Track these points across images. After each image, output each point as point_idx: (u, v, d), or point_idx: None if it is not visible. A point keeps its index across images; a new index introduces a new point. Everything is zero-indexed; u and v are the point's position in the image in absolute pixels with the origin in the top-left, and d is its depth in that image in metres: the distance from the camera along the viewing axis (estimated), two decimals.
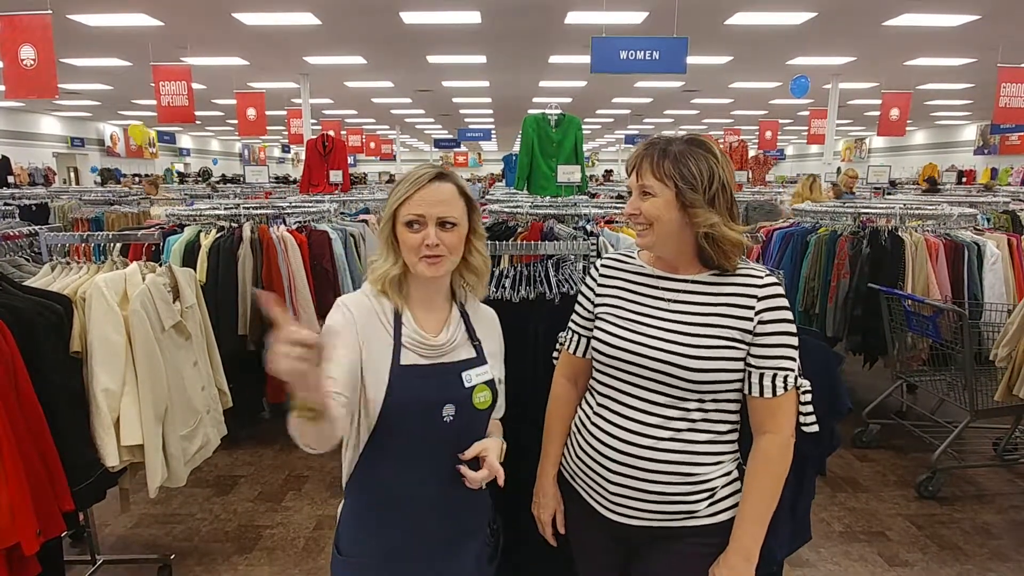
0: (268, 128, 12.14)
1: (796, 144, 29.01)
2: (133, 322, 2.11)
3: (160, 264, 2.47)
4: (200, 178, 18.35)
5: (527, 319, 1.82)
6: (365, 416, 1.26)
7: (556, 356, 1.56)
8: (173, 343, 2.29)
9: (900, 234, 3.84)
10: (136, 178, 15.23)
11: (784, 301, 1.29)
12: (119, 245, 2.90)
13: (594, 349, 1.40)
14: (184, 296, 2.40)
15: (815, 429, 1.34)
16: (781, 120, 18.07)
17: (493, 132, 23.38)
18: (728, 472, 1.33)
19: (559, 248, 2.19)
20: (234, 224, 3.59)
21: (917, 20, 7.92)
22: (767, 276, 1.30)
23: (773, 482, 1.29)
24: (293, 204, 4.63)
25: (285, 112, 14.64)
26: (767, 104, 16.08)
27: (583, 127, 5.44)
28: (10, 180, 14.03)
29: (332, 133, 8.45)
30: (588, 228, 3.31)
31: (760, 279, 1.29)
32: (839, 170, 11.05)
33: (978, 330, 3.52)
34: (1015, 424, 3.47)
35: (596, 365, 1.41)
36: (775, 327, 1.27)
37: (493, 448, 1.30)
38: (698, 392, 1.28)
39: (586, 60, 7.19)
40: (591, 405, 1.42)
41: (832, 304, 3.90)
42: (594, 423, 1.38)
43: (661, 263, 1.37)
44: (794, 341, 1.29)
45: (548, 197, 4.94)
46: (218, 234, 3.49)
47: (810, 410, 1.34)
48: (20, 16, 6.08)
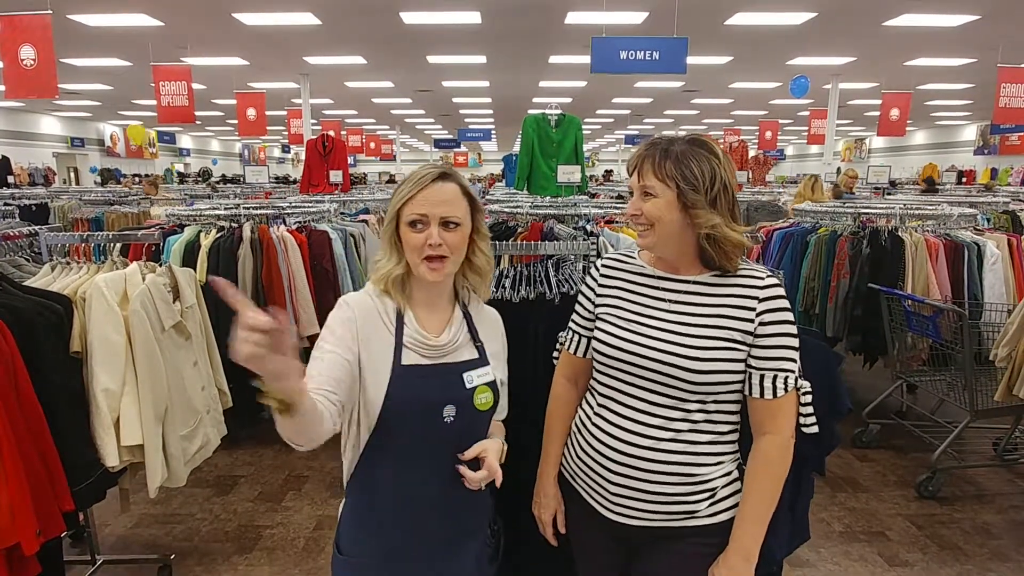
0: (268, 128, 12.14)
1: (796, 144, 29.02)
2: (133, 322, 2.11)
3: (160, 264, 2.47)
4: (200, 178, 18.35)
5: (527, 319, 1.82)
6: (365, 416, 1.26)
7: (556, 356, 1.56)
8: (173, 343, 2.29)
9: (900, 234, 3.84)
10: (136, 178, 15.23)
11: (785, 302, 1.29)
12: (119, 245, 2.90)
13: (595, 350, 1.40)
14: (184, 296, 2.40)
15: (815, 430, 1.34)
16: (781, 120, 18.08)
17: (493, 132, 23.38)
18: (728, 472, 1.33)
19: (559, 248, 2.19)
20: (234, 224, 3.59)
21: (917, 20, 7.93)
22: (768, 277, 1.30)
23: (773, 483, 1.30)
24: (293, 204, 4.62)
25: (285, 112, 14.64)
26: (767, 104, 16.09)
27: (583, 127, 5.44)
28: (10, 180, 14.03)
29: (332, 133, 8.45)
30: (588, 228, 3.31)
31: (761, 280, 1.29)
32: (839, 170, 11.05)
33: (978, 330, 3.52)
34: (1015, 424, 3.47)
35: (597, 366, 1.41)
36: (776, 328, 1.27)
37: (493, 449, 1.30)
38: (699, 393, 1.28)
39: (586, 60, 7.19)
40: (592, 405, 1.42)
41: (832, 304, 3.90)
42: (595, 423, 1.38)
43: (662, 263, 1.37)
44: (795, 342, 1.29)
45: (548, 197, 4.93)
46: (218, 234, 3.49)
47: (810, 411, 1.34)
48: (20, 16, 6.09)
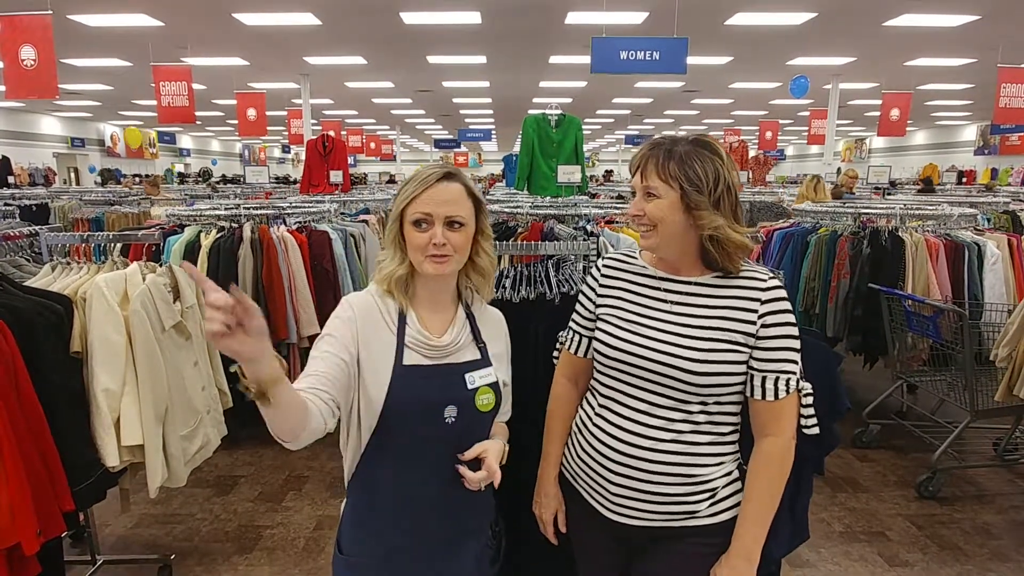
0: (268, 128, 12.14)
1: (796, 144, 29.02)
2: (133, 322, 2.12)
3: (160, 264, 2.47)
4: (200, 178, 18.35)
5: (527, 319, 1.82)
6: (366, 416, 1.26)
7: (556, 356, 1.56)
8: (173, 343, 2.29)
9: (900, 234, 3.84)
10: (136, 178, 15.24)
11: (787, 304, 1.29)
12: (119, 245, 2.90)
13: (596, 351, 1.40)
14: (184, 296, 2.40)
15: (816, 431, 1.34)
16: (781, 120, 18.09)
17: (493, 132, 23.39)
18: (729, 472, 1.33)
19: (559, 248, 2.19)
20: (234, 224, 3.59)
21: (917, 20, 7.93)
22: (771, 279, 1.30)
23: (775, 484, 1.30)
24: (293, 204, 4.63)
25: (285, 112, 14.64)
26: (767, 104, 16.09)
27: (583, 127, 5.44)
28: (10, 180, 14.04)
29: (332, 133, 8.46)
30: (588, 228, 3.31)
31: (764, 282, 1.29)
32: (839, 170, 11.06)
33: (978, 330, 3.51)
34: (1015, 424, 3.47)
35: (598, 366, 1.41)
36: (778, 331, 1.27)
37: (493, 450, 1.29)
38: (701, 395, 1.28)
39: (586, 60, 7.19)
40: (592, 406, 1.41)
41: (832, 304, 3.90)
42: (595, 424, 1.38)
43: (663, 264, 1.36)
44: (796, 344, 1.29)
45: (548, 197, 4.94)
46: (218, 234, 3.49)
47: (811, 412, 1.33)
48: (20, 16, 6.09)
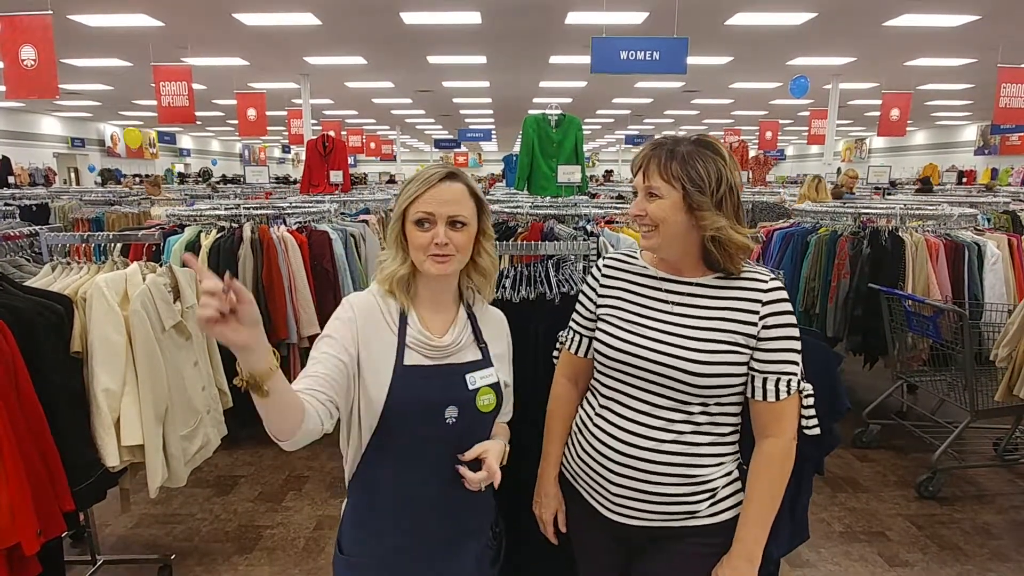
0: (268, 128, 12.14)
1: (796, 144, 29.02)
2: (133, 322, 2.12)
3: (161, 264, 2.47)
4: (200, 178, 18.36)
5: (527, 319, 1.82)
6: (367, 416, 1.26)
7: (556, 356, 1.56)
8: (173, 343, 2.29)
9: (900, 234, 3.84)
10: (136, 178, 15.24)
11: (788, 306, 1.29)
12: (119, 245, 2.90)
13: (597, 351, 1.39)
14: (184, 296, 2.40)
15: (817, 432, 1.34)
16: (781, 120, 18.08)
17: (493, 132, 23.39)
18: (729, 472, 1.33)
19: (559, 248, 2.19)
20: (234, 224, 3.59)
21: (917, 20, 7.93)
22: (772, 280, 1.29)
23: (776, 485, 1.30)
24: (293, 204, 4.63)
25: (285, 112, 14.65)
26: (767, 104, 16.09)
27: (583, 127, 5.44)
28: (10, 180, 14.05)
29: (332, 133, 8.46)
30: (588, 228, 3.31)
31: (765, 283, 1.29)
32: (839, 170, 11.06)
33: (978, 330, 3.51)
34: (1015, 424, 3.47)
35: (598, 367, 1.41)
36: (779, 332, 1.27)
37: (494, 450, 1.29)
38: (702, 396, 1.28)
39: (586, 60, 7.19)
40: (593, 406, 1.41)
41: (832, 304, 3.90)
42: (596, 424, 1.38)
43: (664, 264, 1.36)
44: (797, 345, 1.29)
45: (548, 197, 4.94)
46: (218, 234, 3.49)
47: (812, 413, 1.33)
48: (21, 16, 6.09)
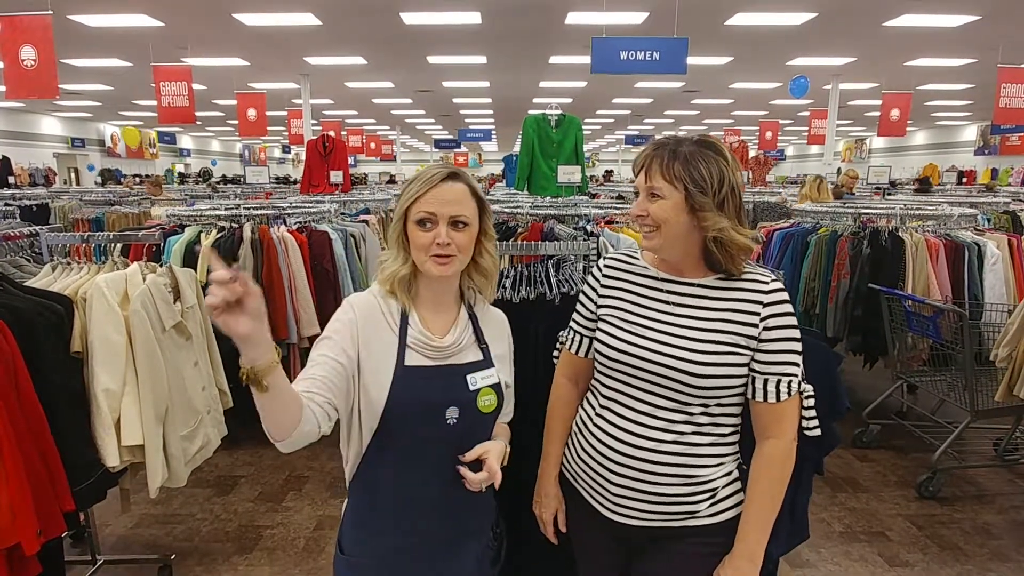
0: (268, 128, 12.15)
1: (796, 144, 29.02)
2: (134, 322, 2.12)
3: (161, 264, 2.47)
4: (200, 178, 18.36)
5: (527, 319, 1.82)
6: (367, 416, 1.26)
7: (556, 356, 1.56)
8: (174, 343, 2.29)
9: (900, 234, 3.84)
10: (137, 178, 15.24)
11: (789, 307, 1.29)
12: (120, 245, 2.90)
13: (597, 351, 1.39)
14: (185, 296, 2.40)
15: (818, 433, 1.34)
16: (781, 120, 18.08)
17: (493, 132, 23.39)
18: (729, 472, 1.33)
19: (559, 248, 2.19)
20: (235, 224, 3.59)
21: (917, 20, 7.93)
22: (773, 281, 1.29)
23: (777, 486, 1.30)
24: (293, 204, 4.63)
25: (285, 112, 14.65)
26: (767, 104, 16.09)
27: (583, 127, 5.44)
28: (11, 180, 14.06)
29: (332, 133, 8.46)
30: (588, 228, 3.31)
31: (766, 285, 1.29)
32: (839, 170, 11.06)
33: (978, 330, 3.51)
34: (1015, 424, 3.46)
35: (599, 367, 1.40)
36: (780, 333, 1.27)
37: (494, 451, 1.29)
38: (702, 397, 1.28)
39: (586, 60, 7.19)
40: (593, 406, 1.41)
41: (832, 304, 3.90)
42: (596, 424, 1.38)
43: (665, 265, 1.36)
44: (798, 347, 1.29)
45: (548, 197, 4.94)
46: (219, 234, 3.50)
47: (813, 414, 1.33)
48: (21, 17, 6.09)
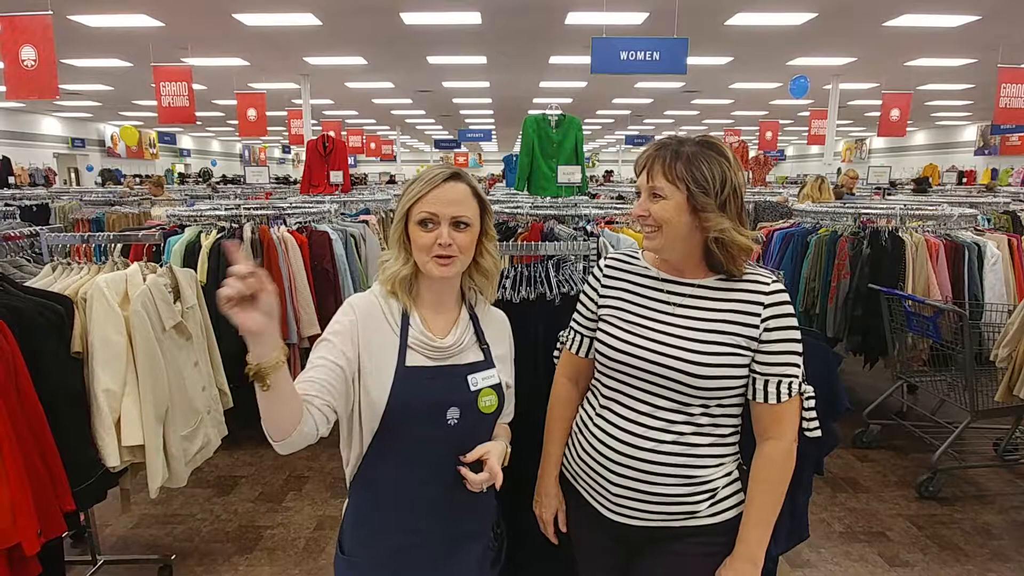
0: (268, 129, 12.13)
1: (796, 145, 29.03)
2: (134, 322, 2.12)
3: (161, 265, 2.47)
4: (200, 179, 18.36)
5: (527, 319, 1.82)
6: (368, 417, 1.26)
7: (556, 356, 1.56)
8: (174, 343, 2.29)
9: (900, 234, 3.84)
10: (137, 179, 15.24)
11: (790, 308, 1.29)
12: (120, 246, 2.90)
13: (598, 352, 1.39)
14: (185, 297, 2.40)
15: (818, 434, 1.34)
16: (781, 121, 18.09)
17: (493, 133, 23.38)
18: (729, 472, 1.33)
19: (559, 249, 2.19)
20: (235, 225, 3.59)
21: (917, 20, 7.93)
22: (773, 283, 1.29)
23: (777, 487, 1.30)
24: (293, 205, 4.63)
25: (285, 113, 14.65)
26: (767, 105, 16.09)
27: (583, 128, 5.44)
28: (11, 181, 14.06)
29: (332, 134, 8.46)
30: (588, 229, 3.31)
31: (767, 286, 1.28)
32: (839, 171, 11.06)
33: (978, 330, 3.51)
34: (1015, 424, 3.46)
35: (599, 367, 1.40)
36: (781, 334, 1.27)
37: (495, 451, 1.29)
38: (703, 397, 1.28)
39: (586, 61, 7.19)
40: (594, 407, 1.41)
41: (832, 304, 3.90)
42: (596, 424, 1.38)
43: (666, 266, 1.36)
44: (799, 348, 1.29)
45: (548, 198, 4.94)
46: (219, 235, 3.49)
47: (813, 415, 1.34)
48: (21, 17, 6.09)
